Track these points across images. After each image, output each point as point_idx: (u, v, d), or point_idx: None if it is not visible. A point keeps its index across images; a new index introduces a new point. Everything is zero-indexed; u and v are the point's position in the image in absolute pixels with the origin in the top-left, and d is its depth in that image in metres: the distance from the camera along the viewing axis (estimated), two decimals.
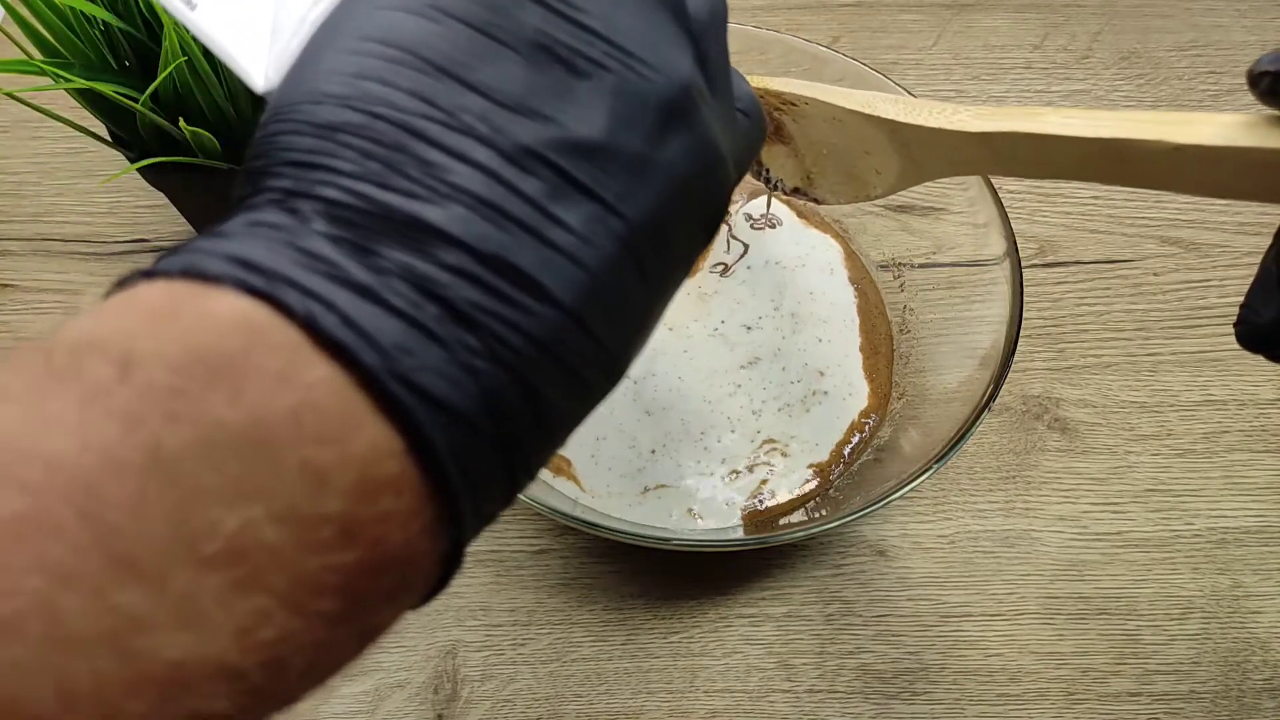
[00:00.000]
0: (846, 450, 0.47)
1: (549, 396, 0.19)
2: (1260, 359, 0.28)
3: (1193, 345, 0.52)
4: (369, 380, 0.16)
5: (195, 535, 0.14)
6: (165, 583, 0.14)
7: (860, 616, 0.45)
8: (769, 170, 0.40)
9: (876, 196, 0.37)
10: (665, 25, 0.20)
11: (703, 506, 0.45)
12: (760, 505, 0.46)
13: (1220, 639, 0.45)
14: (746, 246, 0.52)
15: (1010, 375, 0.42)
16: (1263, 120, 0.25)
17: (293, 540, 0.15)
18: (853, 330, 0.50)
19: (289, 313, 0.16)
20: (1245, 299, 0.27)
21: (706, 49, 0.21)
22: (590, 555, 0.47)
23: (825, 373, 0.49)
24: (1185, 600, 0.46)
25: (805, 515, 0.45)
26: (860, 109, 0.34)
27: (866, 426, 0.48)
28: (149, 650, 0.14)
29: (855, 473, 0.46)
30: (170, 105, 0.44)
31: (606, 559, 0.47)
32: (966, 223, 0.47)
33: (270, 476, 0.15)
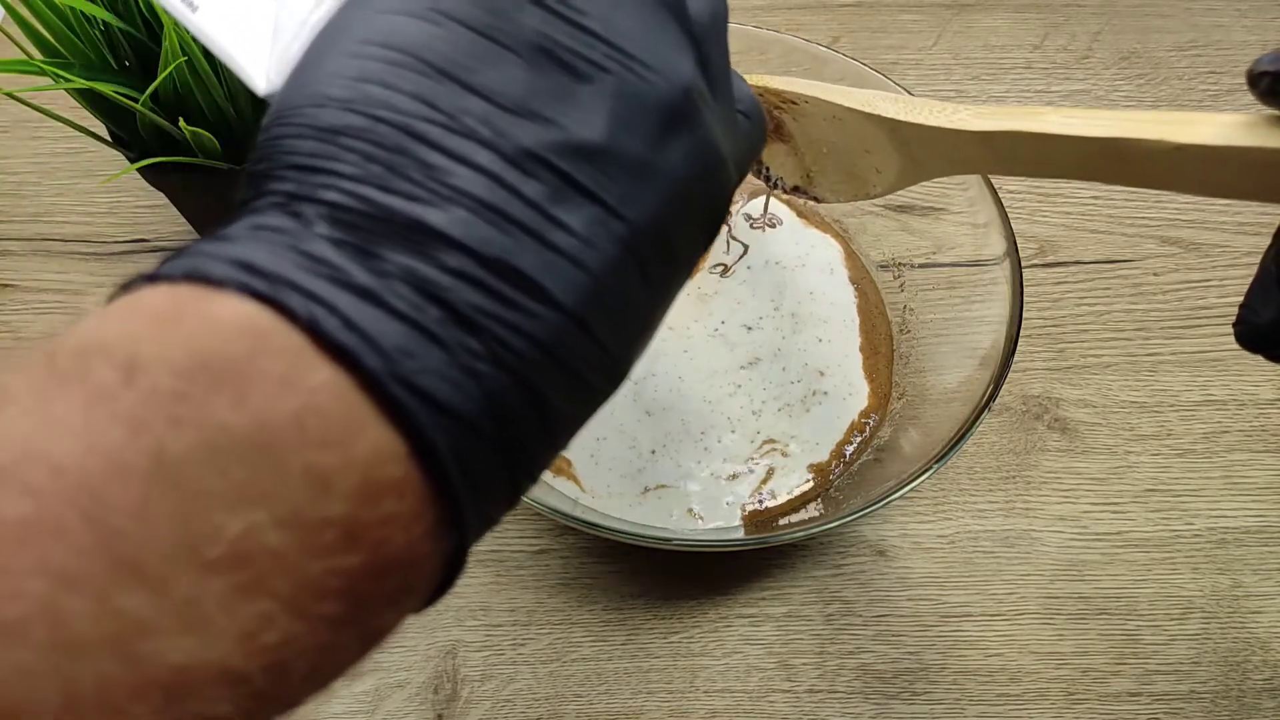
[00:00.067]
0: (846, 450, 0.47)
1: (551, 399, 0.18)
2: (1260, 359, 0.28)
3: (1193, 345, 0.52)
4: (371, 383, 0.16)
5: (199, 539, 0.15)
6: (169, 587, 0.14)
7: (860, 616, 0.46)
8: (769, 169, 0.40)
9: (876, 195, 0.37)
10: (666, 28, 0.20)
11: (703, 506, 0.45)
12: (760, 505, 0.46)
13: (1220, 639, 0.45)
14: (746, 247, 0.52)
15: (1010, 375, 0.42)
16: (1263, 120, 0.25)
17: (296, 544, 0.15)
18: (853, 330, 0.50)
19: (292, 316, 0.16)
20: (1244, 299, 0.27)
21: (707, 51, 0.21)
22: (590, 555, 0.47)
23: (825, 373, 0.49)
24: (1185, 600, 0.46)
25: (805, 515, 0.45)
26: (860, 108, 0.34)
27: (866, 426, 0.48)
28: (153, 654, 0.14)
29: (855, 473, 0.46)
30: (170, 105, 0.44)
31: (606, 559, 0.47)
32: (966, 223, 0.47)
33: (274, 481, 0.15)
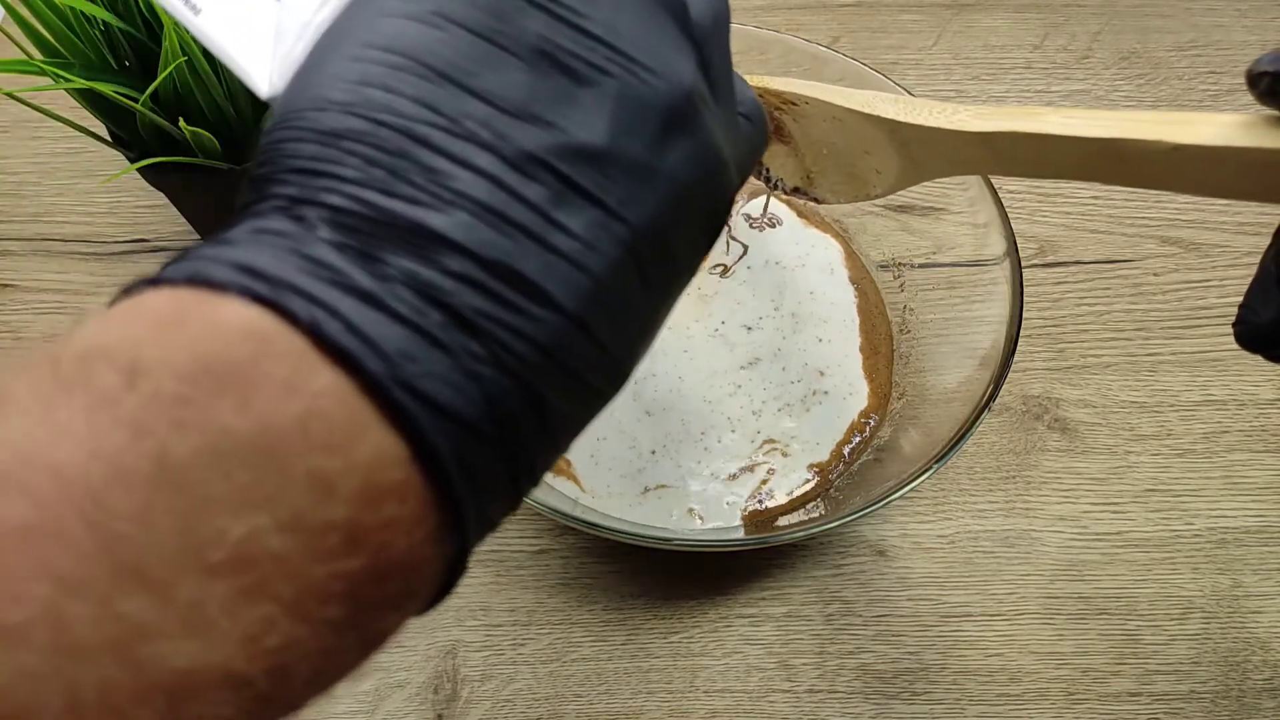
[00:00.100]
0: (846, 450, 0.47)
1: (553, 402, 0.19)
2: (1260, 359, 0.28)
3: (1193, 345, 0.52)
4: (373, 387, 0.16)
5: (202, 543, 0.15)
6: (172, 591, 0.14)
7: (860, 616, 0.46)
8: (769, 169, 0.40)
9: (876, 196, 0.37)
10: (668, 31, 0.20)
11: (703, 506, 0.45)
12: (760, 505, 0.46)
13: (1220, 639, 0.45)
14: (746, 247, 0.52)
15: (1010, 375, 0.42)
16: (1262, 120, 0.25)
17: (299, 548, 0.15)
18: (853, 330, 0.50)
19: (294, 320, 0.16)
20: (1244, 299, 0.27)
21: (709, 54, 0.21)
22: (590, 555, 0.47)
23: (825, 373, 0.49)
24: (1185, 600, 0.46)
25: (805, 515, 0.45)
26: (860, 108, 0.34)
27: (866, 426, 0.48)
28: (156, 658, 0.14)
29: (855, 473, 0.46)
30: (170, 105, 0.44)
31: (606, 559, 0.47)
32: (966, 223, 0.47)
33: (277, 485, 0.15)
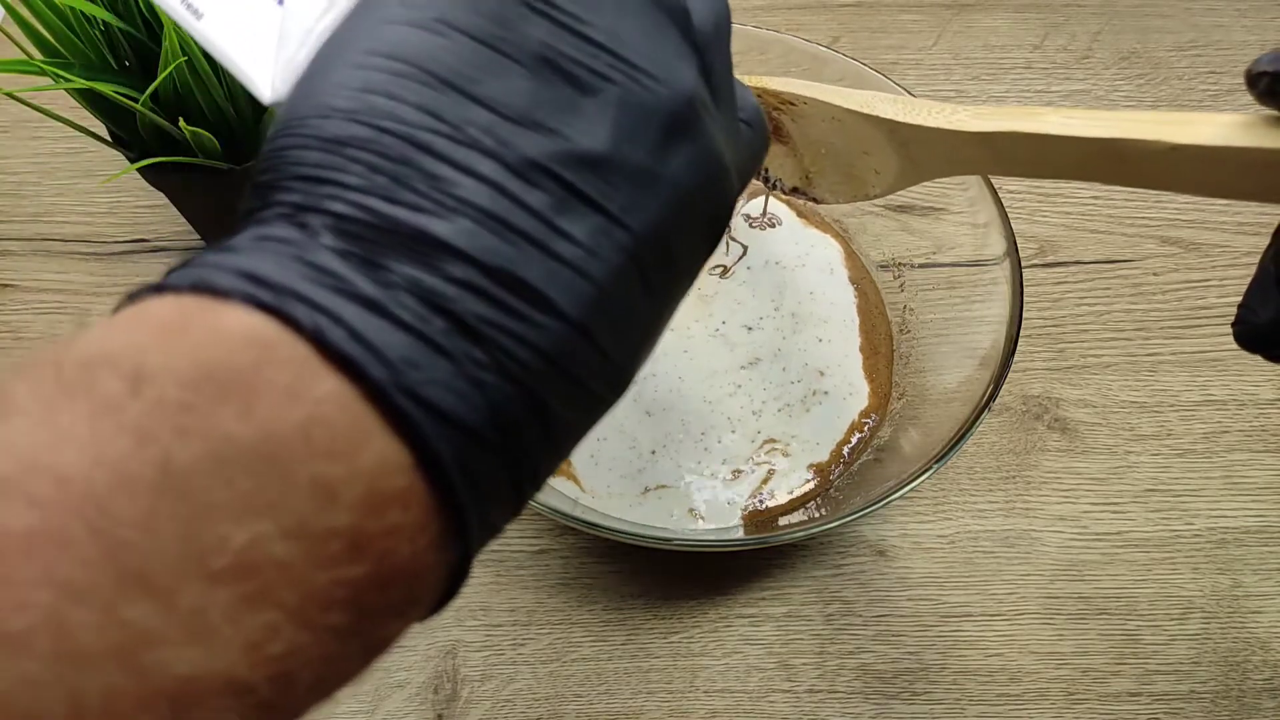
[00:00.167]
0: (846, 450, 0.47)
1: (555, 408, 0.19)
2: (1259, 359, 0.28)
3: (1193, 345, 0.53)
4: (376, 394, 0.16)
5: (205, 550, 0.15)
6: (175, 598, 0.14)
7: (860, 616, 0.46)
8: (768, 170, 0.40)
9: (875, 196, 0.37)
10: (669, 37, 0.20)
11: (703, 506, 0.45)
12: (761, 505, 0.46)
13: (1220, 639, 0.45)
14: (745, 248, 0.52)
15: (1010, 375, 0.42)
16: (1261, 120, 0.25)
17: (301, 555, 0.15)
18: (853, 330, 0.50)
19: (297, 327, 0.16)
20: (1243, 299, 0.27)
21: (710, 60, 0.21)
22: (590, 555, 0.47)
23: (825, 373, 0.49)
24: (1185, 600, 0.46)
25: (805, 515, 0.45)
26: (859, 108, 0.34)
27: (866, 426, 0.48)
28: (159, 665, 0.14)
29: (855, 473, 0.46)
30: (170, 105, 0.44)
31: (606, 559, 0.47)
32: (966, 223, 0.47)
33: (280, 491, 0.15)
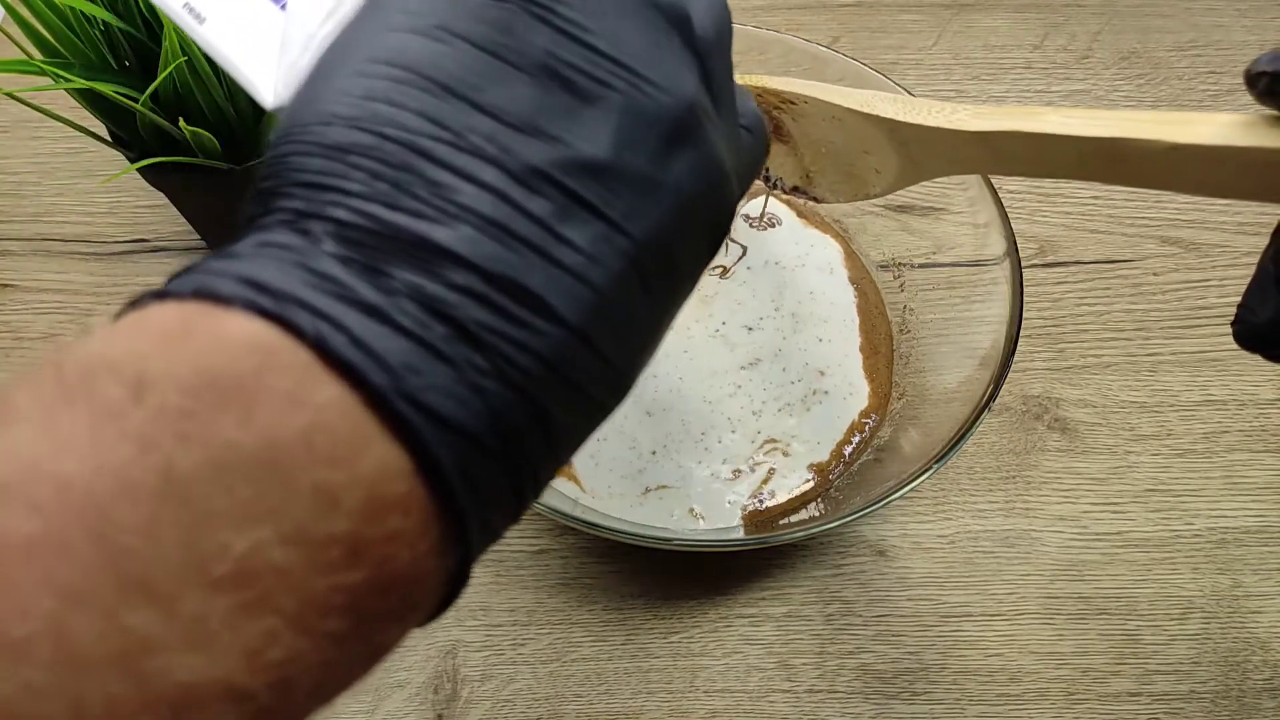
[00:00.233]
0: (846, 450, 0.47)
1: (556, 414, 0.19)
2: (1259, 359, 0.28)
3: (1193, 345, 0.53)
4: (377, 400, 0.16)
5: (206, 557, 0.15)
6: (176, 604, 0.14)
7: (860, 616, 0.46)
8: (769, 169, 0.40)
9: (875, 195, 0.37)
10: (671, 44, 0.20)
11: (703, 506, 0.45)
12: (761, 505, 0.46)
13: (1220, 639, 0.45)
14: (745, 249, 0.52)
15: (1010, 375, 0.42)
16: (1261, 120, 0.25)
17: (301, 561, 0.15)
18: (853, 330, 0.50)
19: (299, 333, 0.16)
20: (1242, 299, 0.27)
21: (712, 67, 0.21)
22: (590, 555, 0.47)
23: (825, 372, 0.49)
24: (1185, 600, 0.46)
25: (805, 515, 0.45)
26: (859, 108, 0.34)
27: (866, 426, 0.48)
28: (160, 672, 0.14)
29: (855, 473, 0.46)
30: (170, 105, 0.44)
31: (606, 559, 0.47)
32: (966, 223, 0.47)
33: (280, 498, 0.15)
